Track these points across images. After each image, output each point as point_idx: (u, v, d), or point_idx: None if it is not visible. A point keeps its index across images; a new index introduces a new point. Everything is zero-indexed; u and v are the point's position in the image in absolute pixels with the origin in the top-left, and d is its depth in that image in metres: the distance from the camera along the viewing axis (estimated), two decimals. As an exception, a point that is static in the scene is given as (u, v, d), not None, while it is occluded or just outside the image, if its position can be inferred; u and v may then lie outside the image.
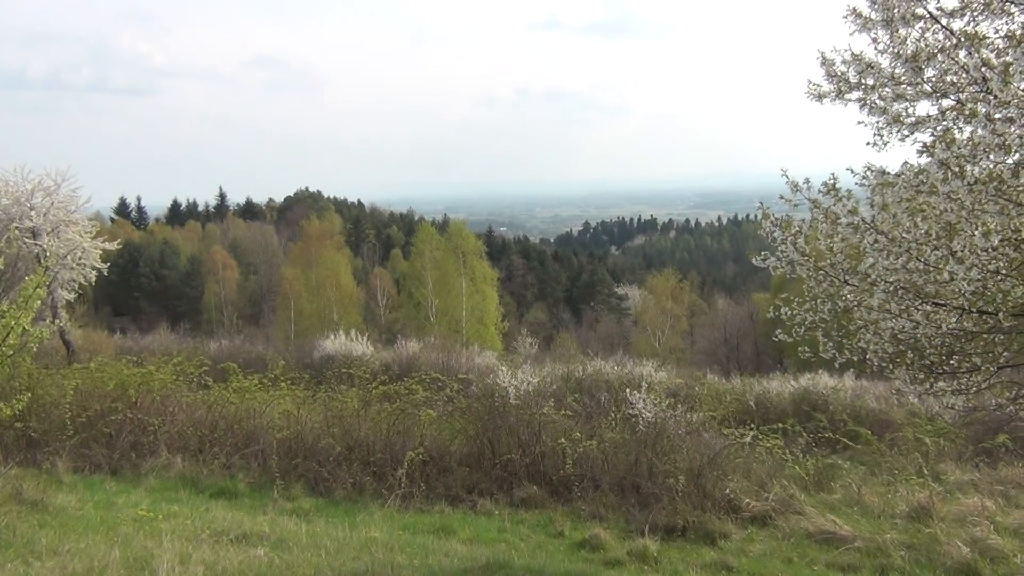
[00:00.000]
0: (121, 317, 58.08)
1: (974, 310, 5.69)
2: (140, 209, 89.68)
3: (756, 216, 6.30)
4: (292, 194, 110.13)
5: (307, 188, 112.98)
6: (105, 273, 19.59)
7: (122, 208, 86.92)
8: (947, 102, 5.61)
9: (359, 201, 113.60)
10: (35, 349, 8.08)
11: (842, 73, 5.99)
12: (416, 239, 50.23)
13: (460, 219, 65.06)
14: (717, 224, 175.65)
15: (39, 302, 6.97)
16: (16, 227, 16.94)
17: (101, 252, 19.04)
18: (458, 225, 48.74)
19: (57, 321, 17.59)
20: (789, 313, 6.62)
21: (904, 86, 5.70)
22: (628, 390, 11.02)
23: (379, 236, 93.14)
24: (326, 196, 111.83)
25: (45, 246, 17.67)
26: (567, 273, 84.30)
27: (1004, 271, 5.30)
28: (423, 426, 10.25)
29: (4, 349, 6.81)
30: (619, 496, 9.24)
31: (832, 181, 5.81)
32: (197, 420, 10.70)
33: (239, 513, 8.21)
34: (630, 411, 10.39)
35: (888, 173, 5.65)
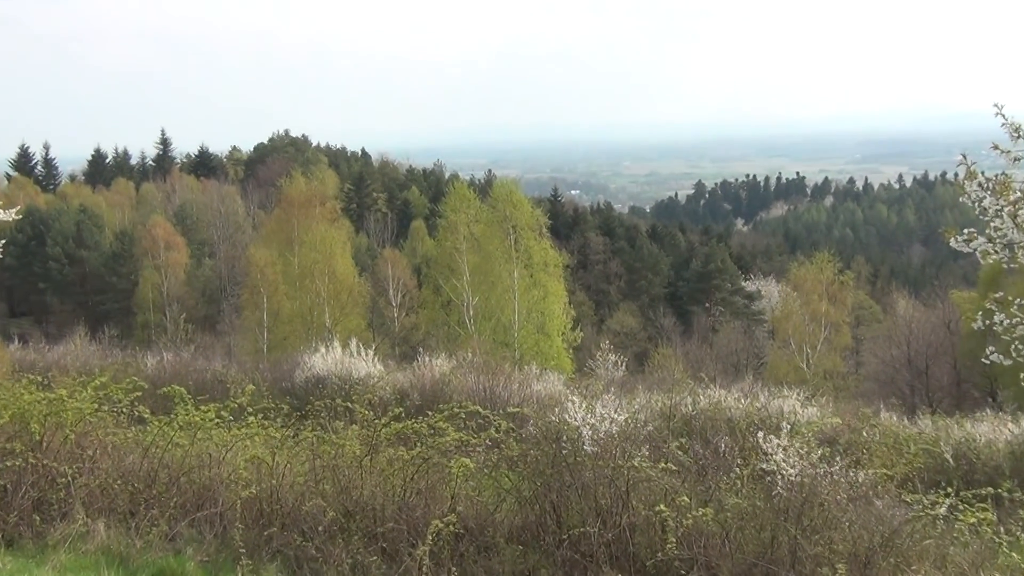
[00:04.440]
0: (20, 318, 59.59)
1: None
2: (48, 162, 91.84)
3: (956, 175, 6.20)
4: (266, 141, 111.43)
5: (287, 132, 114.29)
6: (-2, 255, 20.11)
7: (23, 161, 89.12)
8: None
9: (363, 151, 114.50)
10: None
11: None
12: (446, 207, 50.27)
13: (510, 177, 65.17)
14: (896, 186, 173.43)
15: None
16: None
17: (-7, 224, 19.55)
18: (507, 186, 48.59)
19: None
20: (1007, 323, 6.51)
21: None
22: (761, 434, 10.94)
23: (392, 202, 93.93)
24: (315, 144, 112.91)
25: (-86, 216, 18.19)
26: (670, 258, 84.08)
27: None
28: (455, 483, 10.29)
29: None
30: (746, 592, 9.20)
31: (1074, 122, 5.69)
32: (128, 469, 10.88)
33: (187, 606, 8.35)
34: (763, 466, 10.32)
35: None
